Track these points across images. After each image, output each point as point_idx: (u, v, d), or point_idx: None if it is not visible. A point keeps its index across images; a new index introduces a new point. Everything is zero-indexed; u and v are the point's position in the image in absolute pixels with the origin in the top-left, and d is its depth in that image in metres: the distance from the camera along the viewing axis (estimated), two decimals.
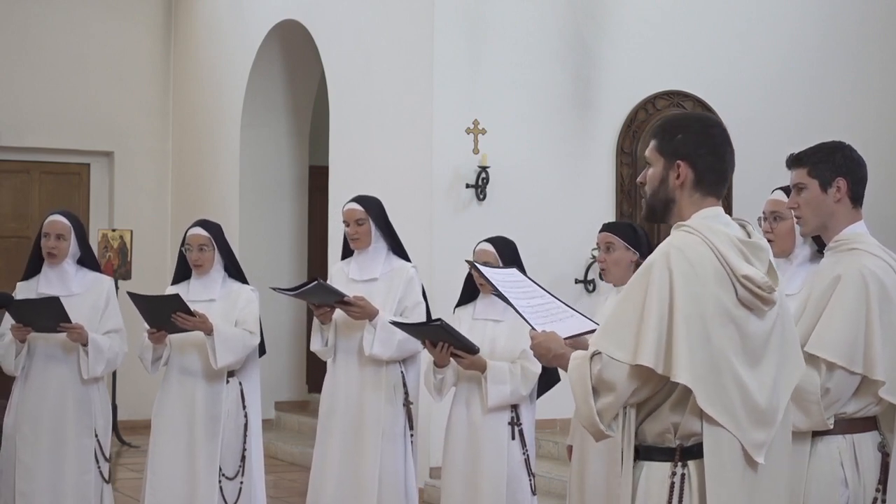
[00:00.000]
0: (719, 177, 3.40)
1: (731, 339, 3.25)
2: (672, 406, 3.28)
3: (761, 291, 3.27)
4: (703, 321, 3.22)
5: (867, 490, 3.96)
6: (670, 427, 3.29)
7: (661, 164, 3.42)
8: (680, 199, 3.40)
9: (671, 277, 3.23)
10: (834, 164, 4.07)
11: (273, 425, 12.22)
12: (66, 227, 6.57)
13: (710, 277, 3.25)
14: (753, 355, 3.29)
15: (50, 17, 13.22)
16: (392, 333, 6.25)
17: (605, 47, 9.97)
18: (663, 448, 3.31)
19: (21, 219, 13.26)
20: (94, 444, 6.54)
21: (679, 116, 3.51)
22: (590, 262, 9.67)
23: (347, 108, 10.73)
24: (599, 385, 3.28)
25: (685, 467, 3.27)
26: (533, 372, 5.78)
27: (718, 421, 3.22)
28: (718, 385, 3.22)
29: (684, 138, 3.39)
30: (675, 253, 3.26)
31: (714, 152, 3.39)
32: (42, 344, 6.52)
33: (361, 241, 6.47)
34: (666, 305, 3.22)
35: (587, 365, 3.30)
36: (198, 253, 6.55)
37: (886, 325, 3.93)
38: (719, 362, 3.23)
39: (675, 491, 3.26)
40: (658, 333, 3.21)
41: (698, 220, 3.35)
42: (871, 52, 10.79)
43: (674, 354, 3.20)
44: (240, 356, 6.46)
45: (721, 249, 3.27)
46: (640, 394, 3.29)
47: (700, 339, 3.21)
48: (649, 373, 3.23)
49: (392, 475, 6.34)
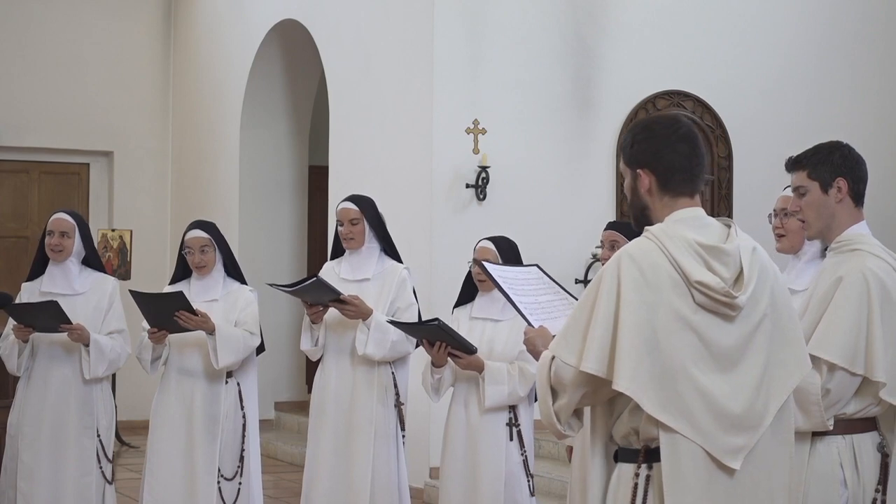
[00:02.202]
0: (683, 175, 3.37)
1: (689, 345, 3.22)
2: (631, 411, 3.28)
3: (719, 296, 3.23)
4: (652, 329, 3.20)
5: (866, 491, 3.96)
6: (631, 430, 3.29)
7: (629, 176, 3.45)
8: (652, 204, 3.40)
9: (619, 285, 3.22)
10: (833, 164, 4.07)
11: (273, 425, 12.22)
12: (70, 225, 6.58)
13: (663, 284, 3.23)
14: (725, 360, 3.25)
15: (49, 17, 13.22)
16: (386, 333, 6.23)
17: (605, 47, 9.97)
18: (630, 450, 3.31)
19: (20, 219, 13.26)
20: (96, 445, 6.54)
21: (634, 125, 3.51)
22: (590, 262, 9.67)
23: (347, 108, 10.72)
24: (556, 386, 3.31)
25: (650, 469, 3.26)
26: (531, 373, 5.76)
27: (672, 427, 3.20)
28: (672, 391, 3.20)
29: (638, 146, 3.41)
30: (626, 260, 3.25)
31: (670, 152, 3.36)
32: (45, 344, 6.53)
33: (356, 240, 6.43)
34: (612, 313, 3.22)
35: (547, 366, 3.32)
36: (200, 255, 6.54)
37: (887, 326, 3.93)
38: (673, 369, 3.20)
39: (640, 492, 3.25)
40: (602, 341, 3.21)
41: (662, 226, 3.34)
42: (871, 53, 10.79)
43: (616, 362, 3.20)
44: (240, 356, 6.46)
45: (675, 255, 3.24)
46: (595, 397, 3.30)
47: (648, 346, 3.19)
48: (598, 378, 3.23)
49: (385, 476, 6.33)
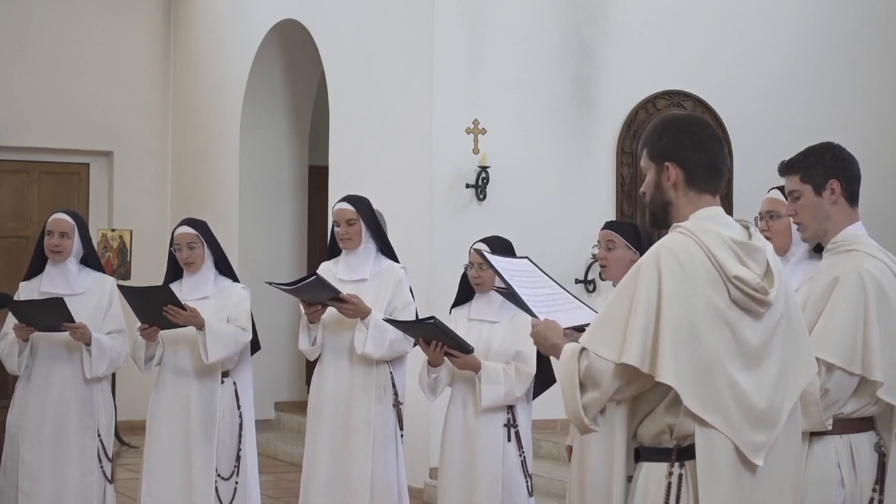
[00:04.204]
0: (710, 173, 3.41)
1: (724, 340, 3.25)
2: (667, 407, 3.29)
3: (754, 292, 3.28)
4: (691, 322, 3.23)
5: (864, 490, 3.96)
6: (666, 428, 3.29)
7: (653, 170, 3.45)
8: (676, 199, 3.42)
9: (660, 278, 3.24)
10: (824, 166, 4.08)
11: (273, 425, 12.21)
12: (69, 226, 6.57)
13: (700, 278, 3.26)
14: (752, 358, 3.29)
15: (49, 17, 13.22)
16: (384, 333, 6.22)
17: (605, 47, 9.96)
18: (660, 448, 3.32)
19: (20, 219, 13.26)
20: (97, 445, 6.53)
21: (661, 120, 3.54)
22: (590, 262, 9.67)
23: (347, 108, 10.72)
24: (586, 380, 3.30)
25: (682, 467, 3.27)
26: (527, 373, 5.76)
27: (709, 422, 3.22)
28: (709, 386, 3.22)
29: (667, 140, 3.43)
30: (666, 253, 3.27)
31: (700, 149, 3.41)
32: (45, 343, 6.51)
33: (352, 241, 6.42)
34: (653, 306, 3.24)
35: (575, 359, 3.31)
36: (188, 251, 6.54)
37: (884, 326, 3.94)
38: (710, 363, 3.23)
39: (672, 491, 3.26)
40: (644, 333, 3.22)
41: (694, 222, 3.36)
42: (871, 53, 10.78)
43: (659, 355, 3.21)
44: (231, 352, 6.44)
45: (713, 250, 3.28)
46: (626, 391, 3.31)
47: (688, 340, 3.22)
48: (635, 372, 3.25)
49: (383, 476, 6.31)
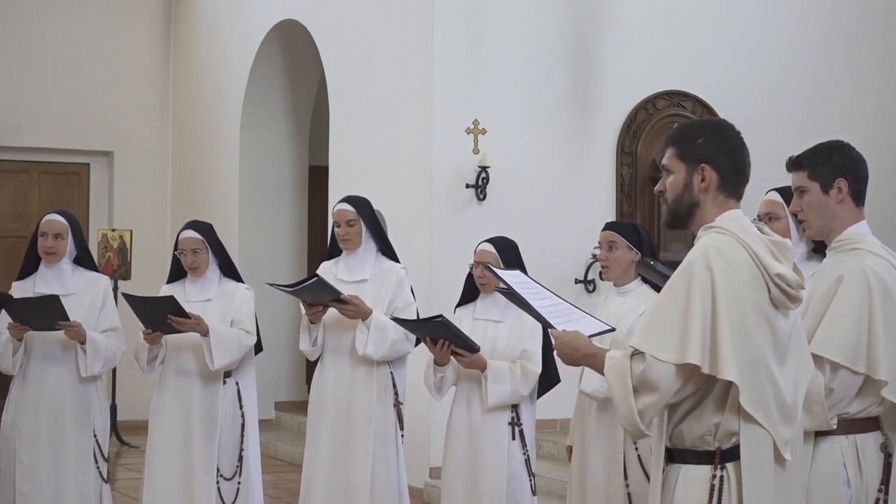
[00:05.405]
0: (740, 178, 3.47)
1: (766, 337, 3.33)
2: (713, 406, 3.32)
3: (791, 290, 3.34)
4: (742, 320, 3.29)
5: (869, 490, 3.96)
6: (711, 428, 3.32)
7: (682, 170, 3.46)
8: (704, 202, 3.45)
9: (712, 277, 3.29)
10: (833, 164, 4.07)
11: (273, 425, 12.21)
12: (63, 227, 6.54)
13: (746, 277, 3.32)
14: (781, 353, 3.37)
15: (49, 17, 13.21)
16: (385, 333, 6.22)
17: (605, 47, 9.96)
18: (701, 451, 3.34)
19: (20, 219, 13.25)
20: (93, 444, 6.52)
21: (696, 122, 3.60)
22: (590, 262, 9.66)
23: (347, 108, 10.72)
24: (641, 385, 3.29)
25: (723, 469, 3.31)
26: (533, 372, 5.77)
27: (756, 418, 3.28)
28: (757, 383, 3.29)
29: (705, 142, 3.45)
30: (714, 253, 3.31)
31: (734, 154, 3.45)
32: (39, 343, 6.49)
33: (352, 241, 6.41)
34: (709, 304, 3.27)
35: (627, 364, 3.31)
36: (192, 257, 6.52)
37: (889, 324, 3.94)
38: (757, 360, 3.30)
39: (715, 494, 3.30)
40: (703, 332, 3.26)
41: (727, 222, 3.40)
42: (871, 53, 10.78)
43: (719, 352, 3.25)
44: (236, 356, 6.44)
45: (755, 249, 3.34)
46: (682, 393, 3.32)
47: (741, 337, 3.28)
48: (691, 372, 3.27)
49: (384, 476, 6.31)
